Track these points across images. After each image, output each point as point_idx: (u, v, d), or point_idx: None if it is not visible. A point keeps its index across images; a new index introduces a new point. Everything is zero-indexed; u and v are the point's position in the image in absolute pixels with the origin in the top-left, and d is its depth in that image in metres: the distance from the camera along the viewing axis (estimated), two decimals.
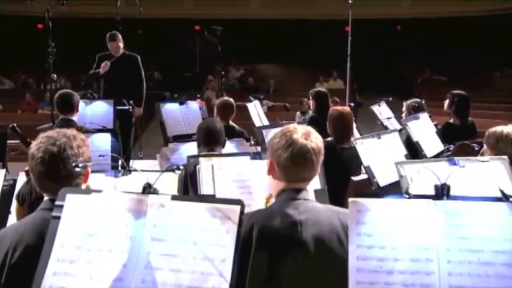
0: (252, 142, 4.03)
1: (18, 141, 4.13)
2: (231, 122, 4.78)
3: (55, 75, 5.93)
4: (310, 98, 5.41)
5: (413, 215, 1.39)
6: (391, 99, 5.98)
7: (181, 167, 1.53)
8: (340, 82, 13.47)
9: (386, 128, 5.26)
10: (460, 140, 3.98)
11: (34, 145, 1.75)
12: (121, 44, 6.19)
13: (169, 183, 2.17)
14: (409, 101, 5.04)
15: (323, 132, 2.80)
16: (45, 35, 5.75)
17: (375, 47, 14.32)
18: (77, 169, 1.59)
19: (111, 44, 6.16)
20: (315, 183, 2.29)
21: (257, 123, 5.48)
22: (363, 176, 3.40)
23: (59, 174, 1.70)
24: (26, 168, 2.78)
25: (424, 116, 4.37)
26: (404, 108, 5.03)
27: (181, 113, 5.33)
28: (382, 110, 5.75)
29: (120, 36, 6.21)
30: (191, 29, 14.35)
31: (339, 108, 4.06)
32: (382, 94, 7.51)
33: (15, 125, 4.09)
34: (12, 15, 14.06)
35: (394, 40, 14.82)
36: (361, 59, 10.01)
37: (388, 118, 5.58)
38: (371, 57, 14.06)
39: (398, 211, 1.41)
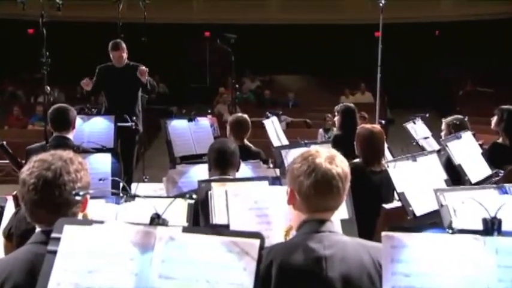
0: (271, 165, 4.03)
1: (4, 161, 4.18)
2: (246, 141, 4.80)
3: (48, 88, 6.01)
4: (335, 113, 5.42)
5: (459, 253, 1.38)
6: (427, 115, 5.95)
7: (195, 196, 1.54)
8: (368, 95, 13.47)
9: (422, 148, 5.22)
10: (510, 163, 3.93)
11: (26, 170, 1.76)
12: (125, 55, 6.25)
13: (177, 210, 2.18)
14: (449, 118, 5.02)
15: (350, 153, 2.81)
16: (37, 41, 5.82)
17: (409, 55, 14.32)
18: (77, 197, 1.61)
19: (113, 53, 6.22)
20: (341, 212, 2.28)
21: (275, 143, 5.49)
22: (396, 204, 3.38)
23: (54, 202, 1.72)
24: (14, 193, 2.81)
25: (467, 135, 4.34)
26: (443, 126, 5.00)
27: (190, 131, 5.37)
28: (417, 128, 5.73)
29: (124, 45, 6.26)
30: (201, 36, 14.52)
31: (368, 126, 4.05)
32: (417, 109, 7.49)
33: (4, 143, 4.15)
34: None
35: (431, 47, 14.76)
36: (392, 68, 9.98)
37: (425, 138, 5.55)
38: (404, 66, 14.06)
39: (440, 249, 1.39)
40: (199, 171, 3.66)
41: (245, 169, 3.72)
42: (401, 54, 13.53)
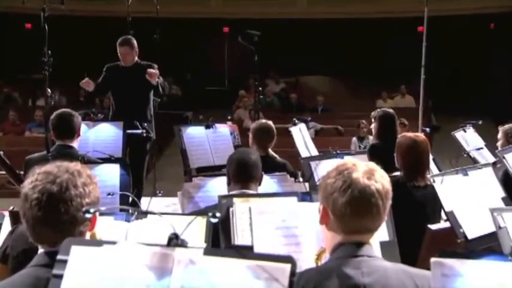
0: (301, 179, 4.03)
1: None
2: (270, 151, 4.81)
3: (49, 90, 6.09)
4: (372, 119, 5.40)
5: None
6: (480, 122, 5.89)
7: (218, 214, 1.54)
8: (410, 99, 13.39)
9: (475, 161, 5.18)
10: None
11: (28, 183, 1.78)
12: (134, 53, 6.28)
13: (194, 229, 2.19)
14: (506, 126, 4.97)
15: (389, 166, 2.79)
16: (36, 37, 5.88)
17: (458, 53, 14.15)
18: (87, 215, 1.62)
19: (120, 49, 6.25)
20: (381, 234, 2.27)
21: (303, 153, 5.49)
22: (444, 224, 3.35)
23: (60, 220, 1.73)
24: (11, 208, 2.85)
25: None
26: (500, 135, 4.95)
27: (208, 140, 5.40)
28: (468, 137, 5.68)
29: (134, 42, 6.29)
30: (219, 32, 14.59)
31: (411, 134, 4.03)
32: (467, 116, 7.42)
33: (1, 153, 4.20)
34: None
35: (484, 43, 14.48)
36: (438, 68, 9.92)
37: (478, 148, 5.50)
38: (452, 65, 13.94)
39: (501, 279, 1.37)
40: (218, 185, 3.68)
41: (270, 183, 3.73)
42: (449, 51, 13.41)
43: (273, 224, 2.48)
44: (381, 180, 1.87)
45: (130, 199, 3.23)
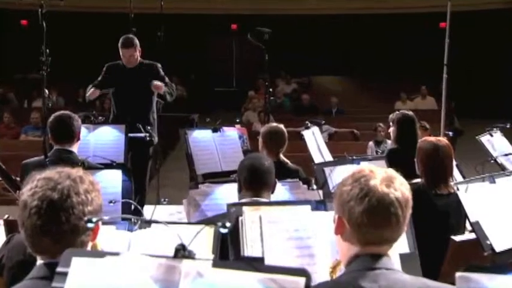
0: (314, 186, 4.03)
1: None
2: (281, 157, 4.82)
3: (47, 91, 6.12)
4: (390, 123, 5.39)
5: None
6: (508, 126, 5.85)
7: (228, 223, 1.54)
8: (431, 100, 13.35)
9: (502, 167, 5.15)
10: None
11: (27, 190, 1.79)
12: (137, 53, 6.30)
13: (200, 239, 2.19)
14: None
15: (409, 172, 2.78)
16: (32, 34, 5.90)
17: (483, 51, 14.09)
18: (90, 225, 1.62)
19: (124, 51, 6.24)
20: (401, 245, 2.26)
21: (316, 158, 5.48)
22: (469, 236, 3.33)
23: (60, 229, 1.74)
24: (6, 216, 2.86)
25: None
26: None
27: (215, 144, 5.41)
28: (495, 142, 5.65)
29: (137, 42, 6.28)
30: (227, 29, 14.63)
31: (432, 139, 4.01)
32: (493, 119, 7.37)
33: None
34: None
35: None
36: (462, 67, 9.87)
37: (506, 154, 5.47)
38: (476, 64, 13.87)
39: None
40: (226, 192, 3.70)
41: (281, 190, 3.73)
42: (474, 49, 13.36)
43: (285, 234, 2.48)
44: (400, 187, 1.87)
45: (133, 207, 3.24)
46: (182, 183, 6.54)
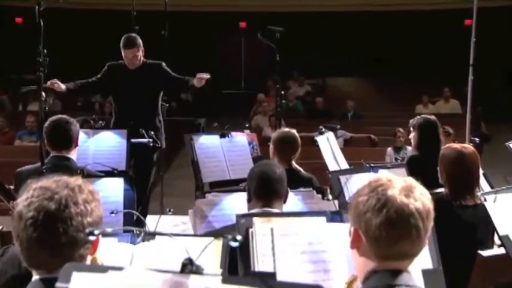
0: (330, 196, 4.02)
1: None
2: (294, 164, 4.82)
3: (44, 94, 6.15)
4: (410, 128, 5.39)
5: None
6: None
7: (239, 237, 1.54)
8: (454, 104, 13.32)
9: None
10: None
11: (23, 200, 1.79)
12: (141, 53, 6.31)
13: (207, 252, 2.20)
14: None
15: (430, 181, 2.77)
16: (28, 33, 5.91)
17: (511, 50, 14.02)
18: (91, 237, 1.63)
19: (126, 52, 6.24)
20: (423, 260, 2.26)
21: (331, 166, 5.47)
22: (498, 251, 3.31)
23: (58, 241, 1.74)
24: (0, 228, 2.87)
25: None
26: None
27: (223, 150, 5.42)
28: None
29: (140, 41, 6.28)
30: (235, 28, 14.66)
31: (457, 145, 4.00)
32: None
33: None
34: None
35: None
36: (488, 68, 9.81)
37: None
38: (504, 65, 13.81)
39: None
40: (235, 202, 3.69)
41: (294, 200, 3.73)
42: (501, 48, 13.30)
43: (298, 247, 2.48)
44: (421, 198, 1.87)
45: (136, 218, 3.24)
46: (187, 192, 6.54)
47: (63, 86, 6.27)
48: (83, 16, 14.50)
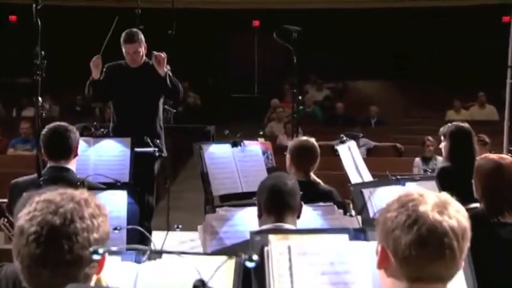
0: (352, 212, 4.01)
1: None
2: (312, 176, 4.82)
3: (40, 99, 6.18)
4: (441, 136, 5.37)
5: None
6: None
7: (255, 257, 1.55)
8: (490, 110, 13.26)
9: None
10: None
11: (25, 214, 1.80)
12: (143, 50, 6.32)
13: (218, 271, 2.20)
14: None
15: (464, 196, 2.75)
16: (23, 32, 5.93)
17: None
18: (96, 256, 1.63)
19: (127, 47, 6.26)
20: (459, 283, 2.24)
21: (353, 178, 5.46)
22: None
23: (62, 259, 1.75)
24: None
25: None
26: None
27: (235, 161, 5.42)
28: None
29: (142, 37, 6.31)
30: (247, 26, 14.67)
31: (494, 156, 3.98)
32: None
33: None
34: None
35: None
36: None
37: None
38: None
39: None
40: (248, 217, 3.70)
41: (313, 215, 3.73)
42: None
43: (318, 267, 2.47)
44: (456, 215, 1.87)
45: (141, 234, 3.25)
46: (196, 206, 6.53)
47: (97, 74, 6.31)
48: (82, 15, 14.57)
